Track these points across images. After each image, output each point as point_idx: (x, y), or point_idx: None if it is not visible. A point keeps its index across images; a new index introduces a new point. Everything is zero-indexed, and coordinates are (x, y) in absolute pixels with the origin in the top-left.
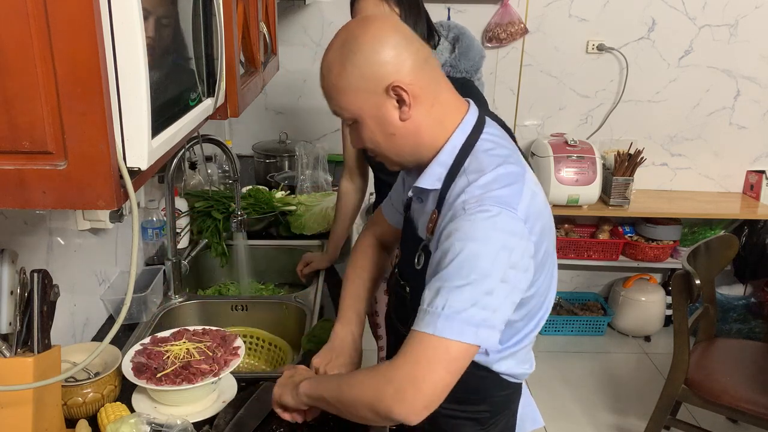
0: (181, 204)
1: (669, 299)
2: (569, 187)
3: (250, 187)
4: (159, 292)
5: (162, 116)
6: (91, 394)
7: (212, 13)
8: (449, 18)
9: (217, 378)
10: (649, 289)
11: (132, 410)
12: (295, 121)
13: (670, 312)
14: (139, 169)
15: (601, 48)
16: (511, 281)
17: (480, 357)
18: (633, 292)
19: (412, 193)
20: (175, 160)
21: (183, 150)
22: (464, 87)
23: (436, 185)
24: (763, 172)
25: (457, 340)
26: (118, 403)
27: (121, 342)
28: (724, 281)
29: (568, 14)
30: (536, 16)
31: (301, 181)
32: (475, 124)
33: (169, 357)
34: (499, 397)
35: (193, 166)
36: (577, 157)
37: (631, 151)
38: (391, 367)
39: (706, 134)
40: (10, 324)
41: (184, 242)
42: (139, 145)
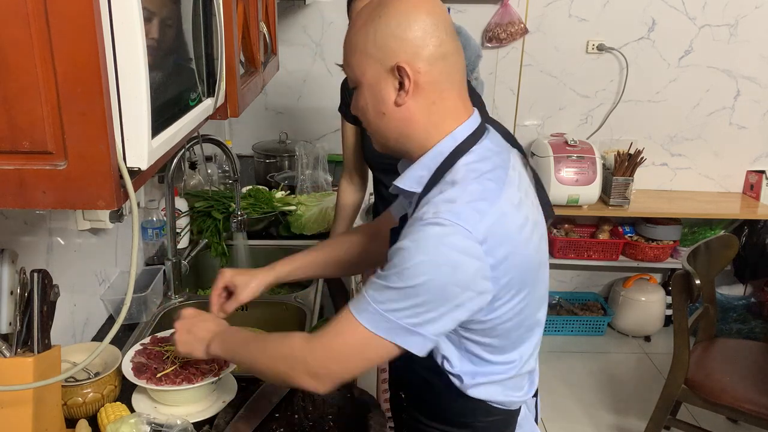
0: (181, 204)
1: (669, 299)
2: (569, 187)
3: (250, 187)
4: (159, 292)
5: (162, 116)
6: (91, 394)
7: (212, 13)
8: None
9: (217, 378)
10: (649, 289)
11: (132, 410)
12: (295, 121)
13: (670, 312)
14: (139, 169)
15: (601, 48)
16: (453, 298)
17: (455, 380)
18: (633, 292)
19: (392, 191)
20: (175, 160)
21: (183, 150)
22: None
23: (415, 188)
24: (763, 172)
25: (374, 332)
26: (118, 403)
27: (121, 342)
28: (724, 281)
29: (568, 14)
30: (536, 16)
31: (301, 181)
32: (470, 135)
33: (169, 357)
34: (486, 423)
35: (193, 166)
36: (577, 157)
37: (631, 151)
38: (308, 343)
39: (706, 134)
40: (10, 324)
41: (184, 242)
42: (139, 145)
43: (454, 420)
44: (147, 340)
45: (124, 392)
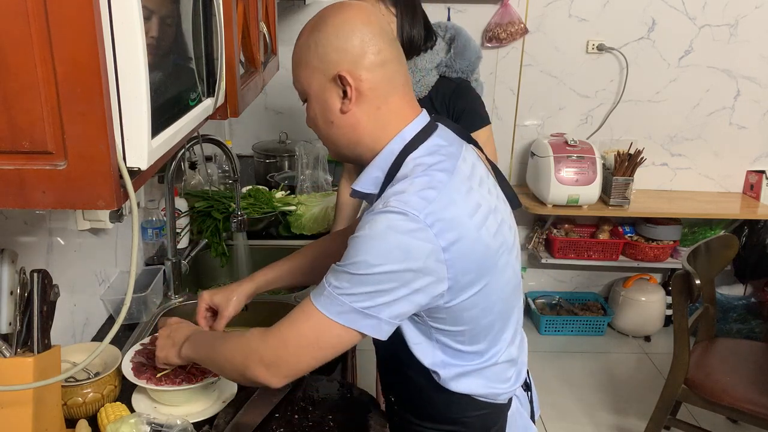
0: (181, 204)
1: (669, 299)
2: (569, 187)
3: (250, 187)
4: (159, 292)
5: (162, 116)
6: (91, 394)
7: (212, 13)
8: (449, 18)
9: (217, 378)
10: (649, 289)
11: (132, 410)
12: (295, 121)
13: (670, 312)
14: (139, 169)
15: (601, 48)
16: (408, 283)
17: (433, 376)
18: (633, 292)
19: (352, 195)
20: (175, 160)
21: (183, 150)
22: (459, 88)
23: (372, 190)
24: (763, 172)
25: (331, 318)
26: (118, 403)
27: (121, 342)
28: (724, 281)
29: (568, 14)
30: (536, 16)
31: (301, 181)
32: (418, 132)
33: None
34: (475, 418)
35: (193, 166)
36: (577, 157)
37: (631, 151)
38: (262, 336)
39: (706, 134)
40: (10, 324)
41: (184, 242)
42: (139, 145)
43: (442, 417)
44: (147, 340)
45: (124, 392)
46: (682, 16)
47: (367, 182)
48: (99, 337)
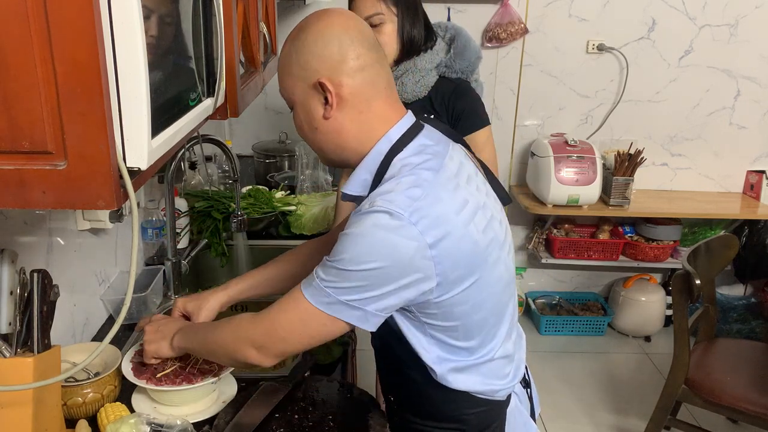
0: (181, 204)
1: (669, 299)
2: (569, 187)
3: (250, 187)
4: (159, 292)
5: (162, 116)
6: (91, 394)
7: (212, 13)
8: (449, 18)
9: (217, 378)
10: (649, 289)
11: (132, 410)
12: None
13: (670, 312)
14: (139, 169)
15: (601, 48)
16: (396, 279)
17: (430, 373)
18: (633, 292)
19: (342, 199)
20: (175, 160)
21: (183, 150)
22: (459, 88)
23: (361, 192)
24: (763, 172)
25: (315, 305)
26: (118, 403)
27: (121, 342)
28: (724, 281)
29: (568, 14)
30: (536, 16)
31: (301, 181)
32: (404, 133)
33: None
34: (473, 416)
35: (193, 166)
36: (577, 157)
37: (631, 151)
38: (256, 318)
39: (706, 134)
40: (10, 324)
41: (184, 242)
42: (139, 145)
43: (441, 415)
44: None
45: (124, 392)
46: (682, 16)
47: (355, 185)
48: (99, 337)
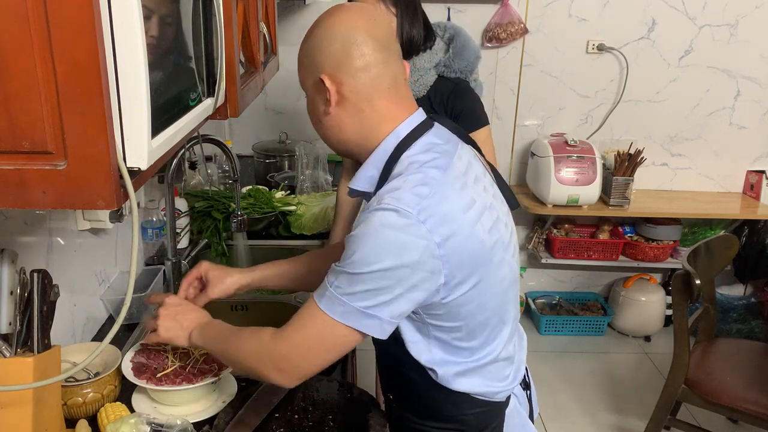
0: (181, 204)
1: (669, 299)
2: (569, 187)
3: (250, 187)
4: (159, 292)
5: (162, 116)
6: (91, 394)
7: (212, 13)
8: (449, 18)
9: (217, 378)
10: (649, 289)
11: (132, 410)
12: (295, 121)
13: (670, 312)
14: (139, 169)
15: (601, 48)
16: (405, 279)
17: (431, 374)
18: (633, 292)
19: (349, 195)
20: (175, 160)
21: (183, 150)
22: (458, 88)
23: (368, 188)
24: (763, 172)
25: (335, 318)
26: (118, 403)
27: (121, 342)
28: (724, 281)
29: (568, 14)
30: (536, 16)
31: (301, 181)
32: (412, 130)
33: (169, 357)
34: (473, 416)
35: (193, 166)
36: (577, 157)
37: (631, 151)
38: (273, 340)
39: (706, 134)
40: (10, 324)
41: (184, 242)
42: (139, 145)
43: (440, 415)
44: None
45: (124, 392)
46: (682, 16)
47: (362, 181)
48: (99, 337)
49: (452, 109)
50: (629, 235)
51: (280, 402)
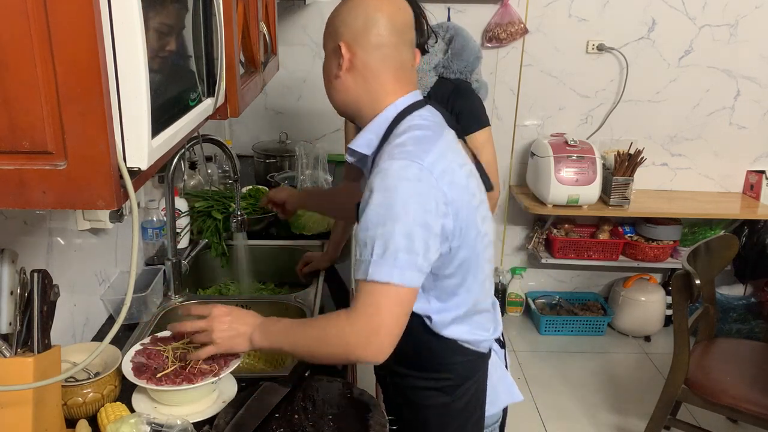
0: (181, 204)
1: (669, 299)
2: (569, 187)
3: (250, 187)
4: (159, 292)
5: (162, 116)
6: (91, 394)
7: (212, 13)
8: (449, 18)
9: (217, 378)
10: (649, 289)
11: (132, 410)
12: (295, 121)
13: (670, 312)
14: (139, 169)
15: (601, 48)
16: (428, 225)
17: (426, 321)
18: (633, 292)
19: (349, 157)
20: (175, 160)
21: (183, 150)
22: (458, 89)
23: (366, 151)
24: (763, 172)
25: (388, 282)
26: (118, 403)
27: (121, 342)
28: (724, 281)
29: (568, 14)
30: (536, 16)
31: (301, 181)
32: (408, 105)
33: (169, 357)
34: (460, 365)
35: (193, 166)
36: (577, 157)
37: (631, 151)
38: (349, 321)
39: (706, 134)
40: (10, 324)
41: (184, 242)
42: (139, 145)
43: (432, 364)
44: (147, 340)
45: (124, 392)
46: (682, 16)
47: (362, 144)
48: (99, 337)
49: (452, 110)
50: (629, 235)
51: (280, 402)
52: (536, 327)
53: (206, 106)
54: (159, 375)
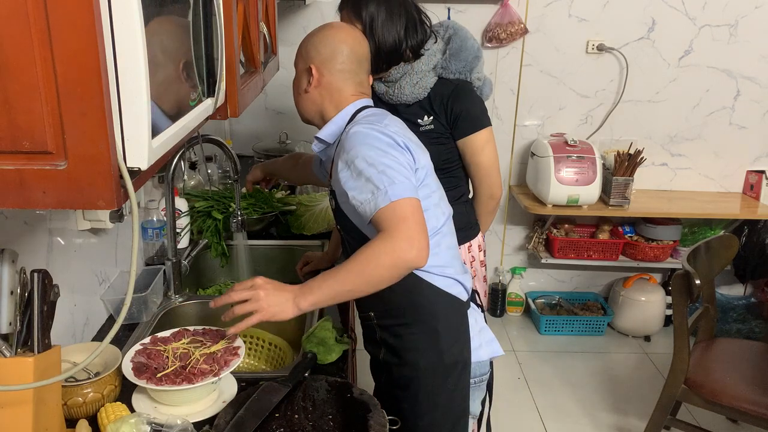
0: (181, 204)
1: (669, 299)
2: (569, 187)
3: None
4: (159, 292)
5: (162, 116)
6: (91, 394)
7: (212, 13)
8: (449, 18)
9: (217, 378)
10: (649, 289)
11: (132, 410)
12: (295, 121)
13: (670, 312)
14: (139, 169)
15: (601, 48)
16: (400, 156)
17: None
18: (633, 292)
19: (315, 147)
20: (175, 160)
21: (183, 150)
22: (458, 89)
23: (330, 140)
24: (763, 172)
25: (408, 196)
26: (118, 403)
27: (121, 342)
28: (724, 281)
29: (568, 14)
30: (536, 16)
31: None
32: (363, 105)
33: (169, 357)
34: (443, 315)
35: (193, 166)
36: (577, 157)
37: (631, 151)
38: (385, 238)
39: (706, 134)
40: (10, 324)
41: (184, 242)
42: (139, 145)
43: (418, 313)
44: (147, 340)
45: (124, 392)
46: (682, 16)
47: (328, 134)
48: (99, 337)
49: (451, 110)
50: (629, 235)
51: (280, 402)
52: (536, 327)
53: (206, 106)
54: (159, 375)
